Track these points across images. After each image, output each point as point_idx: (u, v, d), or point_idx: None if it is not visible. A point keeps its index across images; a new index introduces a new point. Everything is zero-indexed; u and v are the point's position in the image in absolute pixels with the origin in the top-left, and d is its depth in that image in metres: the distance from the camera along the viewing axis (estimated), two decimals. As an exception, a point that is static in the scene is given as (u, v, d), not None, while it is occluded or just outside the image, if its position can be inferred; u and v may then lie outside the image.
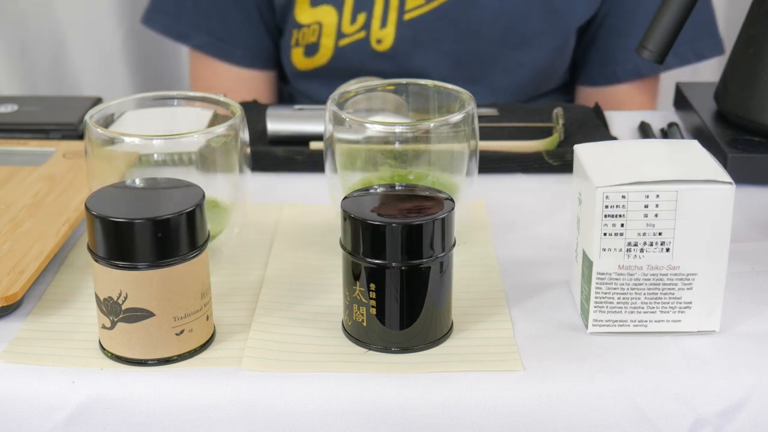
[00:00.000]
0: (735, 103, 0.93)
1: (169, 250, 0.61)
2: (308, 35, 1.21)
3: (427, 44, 1.19)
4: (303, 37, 1.22)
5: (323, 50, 1.21)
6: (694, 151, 0.67)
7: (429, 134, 0.73)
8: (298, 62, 1.24)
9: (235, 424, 0.61)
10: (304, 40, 1.22)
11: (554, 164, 0.92)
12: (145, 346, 0.62)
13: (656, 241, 0.63)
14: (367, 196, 0.65)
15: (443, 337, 0.65)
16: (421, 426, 0.61)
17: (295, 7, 1.21)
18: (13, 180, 0.84)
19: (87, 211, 0.61)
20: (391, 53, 1.20)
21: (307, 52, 1.22)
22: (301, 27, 1.21)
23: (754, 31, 0.92)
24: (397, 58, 1.20)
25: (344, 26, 1.19)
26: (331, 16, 1.19)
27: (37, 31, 1.58)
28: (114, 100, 0.75)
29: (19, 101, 1.02)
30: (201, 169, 0.71)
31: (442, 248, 0.63)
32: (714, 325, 0.66)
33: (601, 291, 0.65)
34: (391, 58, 1.20)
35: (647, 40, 0.89)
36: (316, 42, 1.21)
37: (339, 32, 1.19)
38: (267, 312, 0.69)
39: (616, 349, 0.65)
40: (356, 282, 0.63)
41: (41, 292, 0.71)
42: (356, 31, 1.19)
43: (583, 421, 0.61)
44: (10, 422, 0.61)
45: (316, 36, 1.20)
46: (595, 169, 0.65)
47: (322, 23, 1.20)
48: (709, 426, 0.61)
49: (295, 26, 1.22)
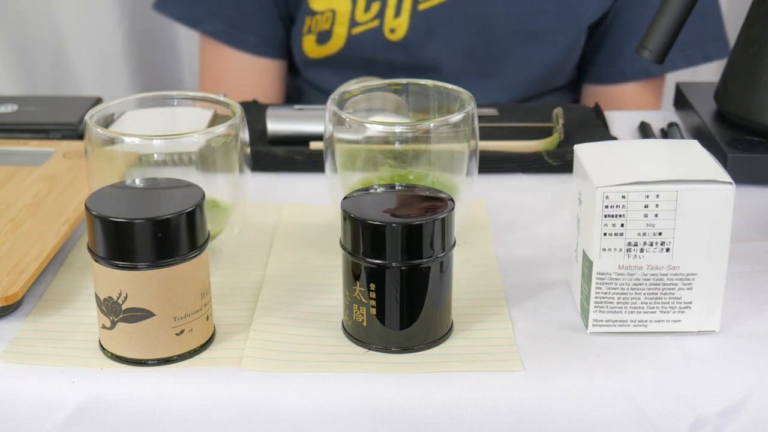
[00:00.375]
0: (735, 103, 0.93)
1: (169, 250, 0.61)
2: (321, 22, 1.21)
3: (440, 35, 1.19)
4: (316, 25, 1.21)
5: (336, 38, 1.21)
6: (694, 151, 0.67)
7: (429, 134, 0.73)
8: (310, 50, 1.24)
9: (235, 424, 0.61)
10: (316, 27, 1.22)
11: (554, 164, 0.92)
12: (145, 346, 0.62)
13: (656, 241, 0.63)
14: (367, 196, 0.65)
15: (443, 337, 0.65)
16: (421, 426, 0.61)
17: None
18: (13, 180, 0.84)
19: (87, 211, 0.61)
20: (404, 43, 1.20)
21: (319, 40, 1.22)
22: (314, 14, 1.21)
23: (754, 31, 0.92)
24: (409, 48, 1.20)
25: (358, 14, 1.19)
26: (345, 4, 1.19)
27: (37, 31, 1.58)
28: (114, 100, 0.75)
29: (19, 101, 1.02)
30: (201, 169, 0.71)
31: (442, 248, 0.63)
32: (714, 325, 0.66)
33: (601, 291, 0.65)
34: (403, 48, 1.20)
35: (647, 40, 0.89)
36: (328, 30, 1.21)
37: (352, 20, 1.19)
38: (267, 312, 0.69)
39: (616, 349, 0.65)
40: (356, 282, 0.63)
41: (41, 292, 0.71)
42: (370, 19, 1.19)
43: (583, 421, 0.61)
44: (10, 422, 0.61)
45: (329, 23, 1.20)
46: (595, 169, 0.65)
47: (335, 10, 1.20)
48: (709, 426, 0.61)
49: (309, 13, 1.21)
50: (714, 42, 1.26)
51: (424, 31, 1.19)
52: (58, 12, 1.58)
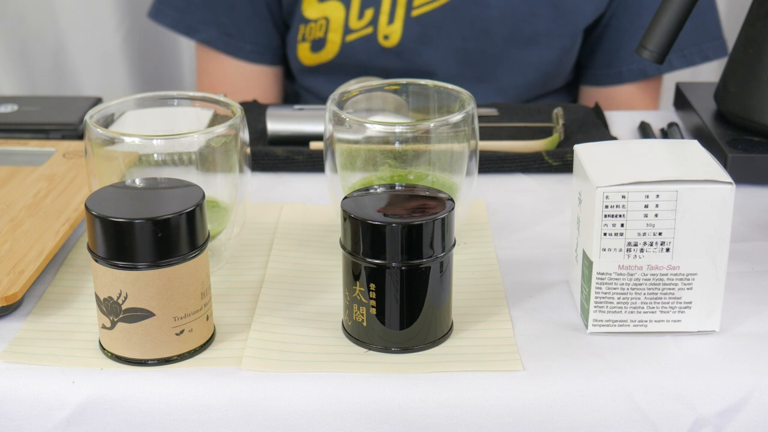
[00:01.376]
0: (735, 103, 0.93)
1: (169, 250, 0.61)
2: (315, 30, 1.21)
3: (434, 41, 1.19)
4: (310, 32, 1.22)
5: (330, 45, 1.21)
6: (694, 151, 0.67)
7: (429, 134, 0.73)
8: (305, 57, 1.24)
9: (235, 424, 0.61)
10: (311, 35, 1.22)
11: (554, 164, 0.92)
12: (145, 346, 0.62)
13: (656, 241, 0.63)
14: (367, 196, 0.65)
15: (443, 337, 0.65)
16: (421, 426, 0.61)
17: (303, 2, 1.21)
18: (13, 180, 0.84)
19: (87, 211, 0.61)
20: (399, 49, 1.20)
21: (313, 48, 1.22)
22: (308, 22, 1.21)
23: (754, 31, 0.92)
24: (404, 55, 1.20)
25: (351, 21, 1.19)
26: (338, 12, 1.19)
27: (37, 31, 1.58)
28: (114, 100, 0.75)
29: (19, 101, 1.02)
30: (201, 169, 0.71)
31: (442, 248, 0.63)
32: (714, 325, 0.66)
33: (601, 291, 0.65)
34: (398, 54, 1.20)
35: (647, 40, 0.89)
36: (323, 37, 1.21)
37: (346, 27, 1.20)
38: (267, 312, 0.69)
39: (616, 349, 0.65)
40: (356, 282, 0.63)
41: (41, 292, 0.71)
42: (364, 26, 1.19)
43: (583, 421, 0.61)
44: (10, 422, 0.61)
45: (323, 31, 1.20)
46: (595, 169, 0.65)
47: (329, 18, 1.20)
48: (709, 426, 0.61)
49: (302, 21, 1.22)
50: (711, 42, 1.26)
51: (418, 37, 1.19)
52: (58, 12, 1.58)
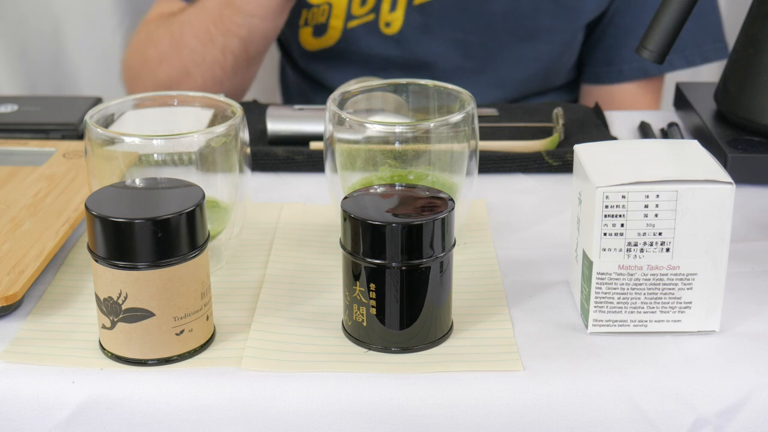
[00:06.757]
0: (735, 103, 0.93)
1: (169, 250, 0.61)
2: (318, 15, 1.21)
3: (435, 31, 1.20)
4: (312, 17, 1.22)
5: (332, 31, 1.21)
6: (694, 151, 0.67)
7: (429, 134, 0.73)
8: (307, 42, 1.24)
9: (235, 424, 0.61)
10: (313, 20, 1.22)
11: (554, 164, 0.92)
12: (145, 346, 0.62)
13: (656, 241, 0.63)
14: (367, 196, 0.65)
15: (443, 337, 0.65)
16: (421, 426, 0.61)
17: None
18: (13, 180, 0.84)
19: (87, 211, 0.61)
20: (399, 37, 1.20)
21: (315, 33, 1.23)
22: (311, 7, 1.21)
23: (754, 31, 0.92)
24: (405, 43, 1.20)
25: (354, 8, 1.20)
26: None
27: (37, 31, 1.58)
28: (114, 100, 0.75)
29: (19, 101, 1.02)
30: (201, 169, 0.71)
31: (442, 248, 0.63)
32: (714, 325, 0.66)
33: (601, 291, 0.65)
34: (399, 43, 1.20)
35: (647, 40, 0.89)
36: (325, 22, 1.21)
37: (348, 13, 1.20)
38: (267, 312, 0.69)
39: (616, 349, 0.65)
40: (356, 282, 0.63)
41: (41, 292, 0.71)
42: (365, 13, 1.19)
43: (583, 421, 0.61)
44: (10, 422, 0.61)
45: (326, 16, 1.21)
46: (595, 169, 0.65)
47: (332, 4, 1.20)
48: (709, 426, 0.61)
49: (305, 5, 1.22)
50: (712, 43, 1.26)
51: (419, 25, 1.19)
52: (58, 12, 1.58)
